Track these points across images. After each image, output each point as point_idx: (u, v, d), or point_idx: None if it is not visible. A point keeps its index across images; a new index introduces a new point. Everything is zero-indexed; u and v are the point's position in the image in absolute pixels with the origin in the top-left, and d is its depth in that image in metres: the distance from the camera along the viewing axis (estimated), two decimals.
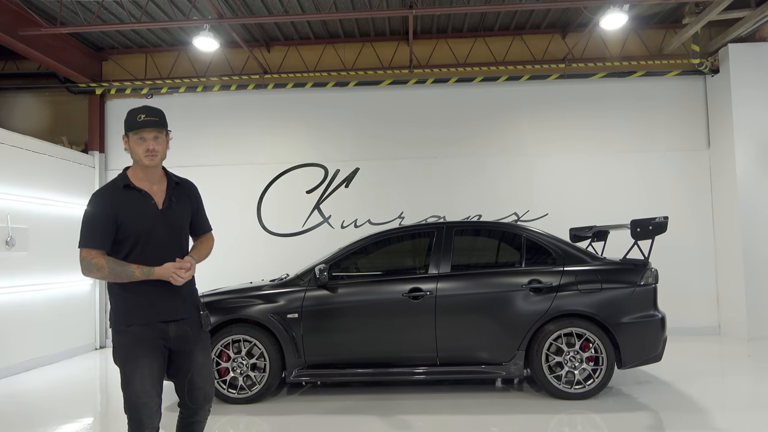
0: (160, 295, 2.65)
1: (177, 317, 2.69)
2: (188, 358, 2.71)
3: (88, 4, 7.53)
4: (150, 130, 2.63)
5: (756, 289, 7.71)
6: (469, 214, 8.59)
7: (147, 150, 2.62)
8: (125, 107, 9.66)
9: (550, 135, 8.72)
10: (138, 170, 2.71)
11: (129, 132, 2.64)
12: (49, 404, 5.41)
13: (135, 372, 2.56)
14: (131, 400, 2.56)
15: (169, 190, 2.75)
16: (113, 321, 2.66)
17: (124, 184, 2.67)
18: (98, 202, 2.63)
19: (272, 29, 8.58)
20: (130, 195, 2.66)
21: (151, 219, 2.65)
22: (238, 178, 8.80)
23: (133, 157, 2.68)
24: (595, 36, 8.62)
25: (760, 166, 7.87)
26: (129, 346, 2.60)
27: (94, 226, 2.59)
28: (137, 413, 2.55)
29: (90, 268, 2.56)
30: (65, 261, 7.80)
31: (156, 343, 2.63)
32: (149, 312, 2.63)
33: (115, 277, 2.56)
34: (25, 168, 7.17)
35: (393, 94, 8.87)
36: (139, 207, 2.64)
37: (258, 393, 5.00)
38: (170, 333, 2.67)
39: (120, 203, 2.62)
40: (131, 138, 2.63)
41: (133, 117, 2.63)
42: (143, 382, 2.55)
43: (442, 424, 4.43)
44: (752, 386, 5.53)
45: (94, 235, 2.58)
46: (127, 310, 2.63)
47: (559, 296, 4.95)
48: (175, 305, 2.69)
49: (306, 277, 5.19)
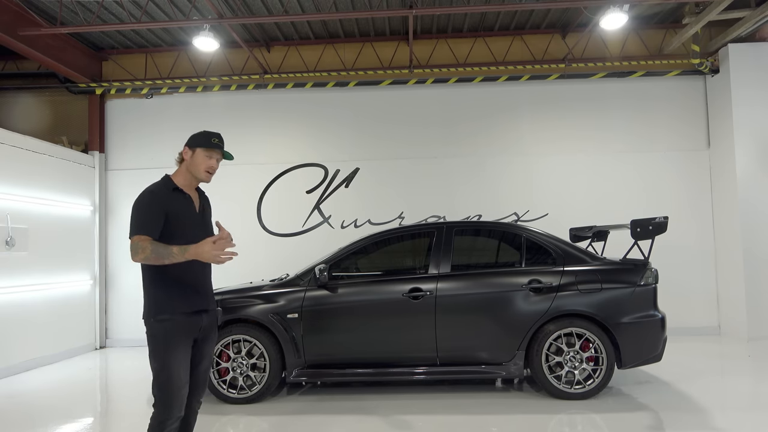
0: (198, 287, 2.93)
1: (209, 307, 2.99)
2: (203, 347, 2.98)
3: (88, 4, 7.53)
4: (218, 152, 3.02)
5: (756, 289, 7.71)
6: (469, 214, 8.59)
7: (211, 167, 2.99)
8: (125, 107, 9.70)
9: (550, 135, 8.72)
10: (182, 179, 2.99)
11: (200, 147, 2.97)
12: (49, 404, 5.41)
13: (174, 359, 2.76)
14: (167, 387, 2.74)
15: (200, 198, 3.10)
16: (154, 310, 2.82)
17: (173, 187, 2.95)
18: (151, 197, 2.87)
19: (272, 29, 8.58)
20: (178, 197, 2.94)
21: (191, 219, 2.97)
22: (238, 178, 8.80)
23: (190, 168, 2.98)
24: (595, 36, 8.62)
25: (760, 166, 7.87)
26: (171, 333, 2.79)
27: (147, 215, 2.82)
28: (170, 400, 2.74)
29: (137, 250, 2.74)
30: (65, 261, 7.81)
31: (192, 333, 2.88)
32: (192, 300, 2.88)
33: (156, 254, 2.71)
34: (25, 168, 7.17)
35: (393, 94, 8.88)
36: (184, 207, 2.95)
37: (258, 393, 5.01)
38: (203, 323, 2.93)
39: (169, 202, 2.89)
40: (199, 153, 2.96)
41: (209, 136, 3.00)
42: (179, 370, 2.77)
43: (442, 424, 4.43)
44: (752, 386, 5.53)
45: (146, 224, 2.80)
46: (171, 298, 2.83)
47: (559, 296, 4.95)
48: (207, 296, 2.99)
49: (306, 277, 5.19)
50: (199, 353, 2.95)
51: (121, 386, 6.37)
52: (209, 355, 3.05)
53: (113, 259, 8.83)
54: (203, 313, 2.94)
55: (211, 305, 3.02)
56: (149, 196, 2.87)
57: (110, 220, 8.88)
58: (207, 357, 3.03)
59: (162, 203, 2.85)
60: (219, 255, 2.69)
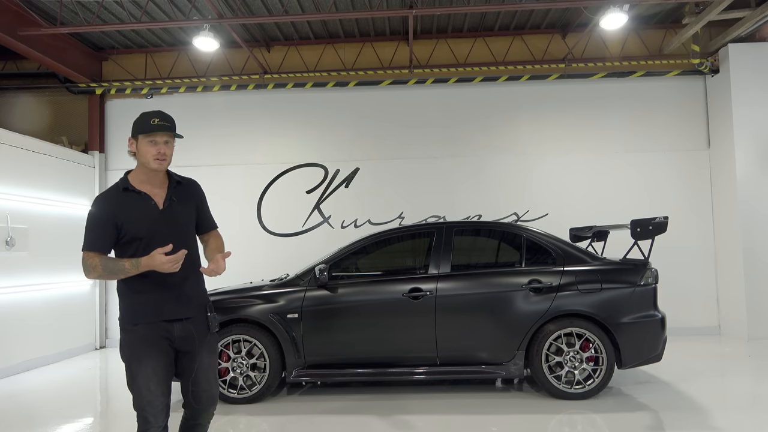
0: (164, 295, 2.67)
1: (181, 317, 2.69)
2: (193, 359, 2.72)
3: (88, 4, 7.53)
4: (163, 134, 2.65)
5: (756, 289, 7.71)
6: (469, 214, 8.59)
7: (158, 153, 2.64)
8: (125, 107, 9.69)
9: (550, 135, 8.72)
10: (140, 173, 2.72)
11: (140, 134, 2.65)
12: (49, 404, 5.41)
13: (139, 371, 2.59)
14: (136, 399, 2.60)
15: (169, 190, 2.76)
16: (120, 320, 2.71)
17: (123, 187, 2.70)
18: (98, 206, 2.68)
19: (272, 29, 8.58)
20: (130, 197, 2.68)
21: (152, 220, 2.66)
22: (238, 178, 8.80)
23: (139, 160, 2.69)
24: (595, 36, 8.62)
25: (760, 166, 7.87)
26: (134, 345, 2.63)
27: (94, 229, 2.64)
28: (143, 411, 2.59)
29: (87, 268, 2.61)
30: (65, 261, 7.80)
31: (161, 343, 2.64)
32: (153, 311, 2.65)
33: (109, 273, 2.59)
34: (25, 168, 7.16)
35: (393, 94, 8.88)
36: (138, 209, 2.66)
37: (258, 393, 5.00)
38: (175, 333, 2.67)
39: (120, 206, 2.64)
40: (141, 140, 2.65)
41: (146, 120, 2.65)
42: (147, 382, 2.58)
43: (442, 424, 4.43)
44: (752, 386, 5.53)
45: (93, 239, 2.63)
46: (133, 309, 2.67)
47: (559, 296, 4.95)
48: (179, 305, 2.70)
49: (306, 277, 5.19)
50: (188, 367, 2.70)
51: (121, 386, 6.36)
52: (206, 369, 2.73)
53: None
54: (176, 322, 2.66)
55: (190, 313, 2.71)
56: (97, 207, 2.66)
57: None
58: (202, 372, 2.72)
59: (111, 212, 2.61)
60: (173, 265, 2.51)
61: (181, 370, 2.74)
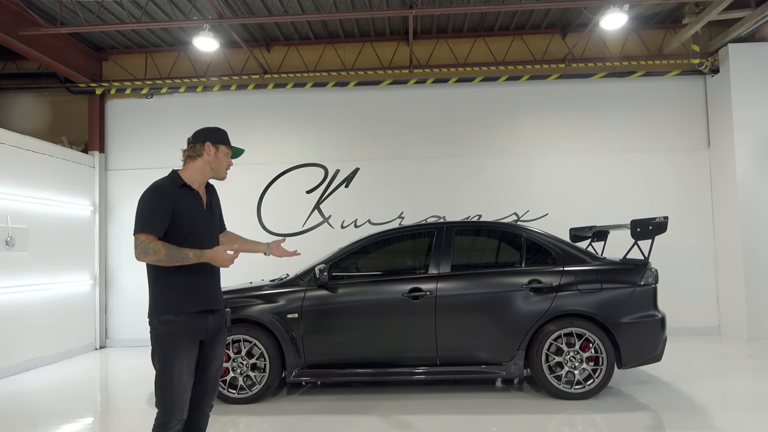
0: (206, 285, 2.87)
1: (217, 307, 2.92)
2: (211, 348, 2.91)
3: (88, 4, 7.53)
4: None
5: (756, 289, 7.71)
6: (469, 214, 8.59)
7: (230, 166, 3.02)
8: (125, 107, 9.69)
9: (550, 135, 8.72)
10: (197, 174, 2.93)
11: (223, 145, 2.96)
12: (49, 404, 5.41)
13: (175, 362, 2.69)
14: (168, 389, 2.68)
15: (208, 194, 3.04)
16: (157, 310, 2.77)
17: (180, 183, 2.88)
18: (160, 194, 2.80)
19: (272, 29, 8.58)
20: (186, 193, 2.87)
21: (199, 216, 2.90)
22: (238, 178, 8.69)
23: (213, 165, 2.94)
24: (595, 36, 8.62)
25: (760, 166, 7.87)
26: (175, 335, 2.73)
27: (156, 213, 2.75)
28: (171, 403, 2.67)
29: (147, 251, 2.68)
30: (65, 261, 7.81)
31: (197, 335, 2.80)
32: (198, 301, 2.80)
33: (170, 259, 2.69)
34: (25, 168, 7.16)
35: (393, 94, 8.88)
36: (192, 204, 2.88)
37: (258, 393, 5.01)
38: (209, 324, 2.86)
39: (178, 198, 2.82)
40: (222, 150, 2.96)
41: (226, 135, 3.01)
42: (182, 373, 2.70)
43: (442, 424, 4.43)
44: (752, 386, 5.53)
45: (152, 222, 2.73)
46: (177, 298, 2.76)
47: (559, 296, 4.95)
48: (215, 296, 2.92)
49: (306, 277, 5.19)
50: (207, 355, 2.88)
51: (121, 386, 6.37)
52: (219, 357, 2.96)
53: (113, 259, 8.81)
54: (209, 313, 2.86)
55: (219, 305, 2.94)
56: (156, 192, 2.79)
57: (110, 220, 8.87)
58: (216, 359, 2.94)
59: (169, 200, 2.77)
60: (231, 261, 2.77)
61: (199, 361, 2.85)
